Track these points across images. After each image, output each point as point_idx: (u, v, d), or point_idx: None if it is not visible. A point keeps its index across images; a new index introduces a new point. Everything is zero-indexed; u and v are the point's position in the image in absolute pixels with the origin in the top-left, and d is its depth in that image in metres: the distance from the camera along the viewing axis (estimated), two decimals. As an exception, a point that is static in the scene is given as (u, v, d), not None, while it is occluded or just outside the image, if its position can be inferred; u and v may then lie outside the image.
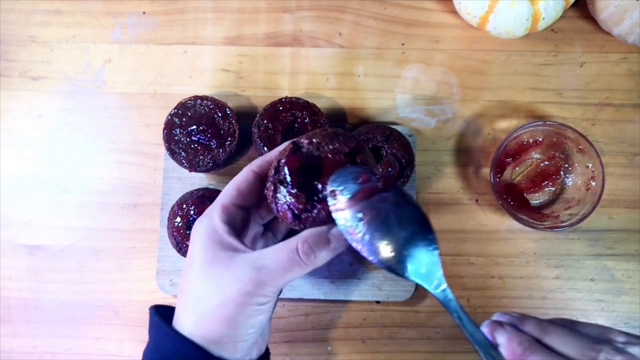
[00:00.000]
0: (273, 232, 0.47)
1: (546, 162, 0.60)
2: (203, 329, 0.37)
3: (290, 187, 0.39)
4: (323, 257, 0.38)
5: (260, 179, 0.42)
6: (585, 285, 0.60)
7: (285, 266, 0.37)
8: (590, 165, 0.57)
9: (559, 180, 0.60)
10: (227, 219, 0.40)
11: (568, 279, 0.60)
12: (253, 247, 0.44)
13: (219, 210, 0.40)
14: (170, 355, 0.37)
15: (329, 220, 0.38)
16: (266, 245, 0.44)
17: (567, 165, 0.60)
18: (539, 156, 0.61)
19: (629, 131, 0.62)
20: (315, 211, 0.39)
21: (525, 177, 0.61)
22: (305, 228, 0.39)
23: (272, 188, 0.40)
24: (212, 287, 0.37)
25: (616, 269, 0.60)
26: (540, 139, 0.60)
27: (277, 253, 0.37)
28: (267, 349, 0.44)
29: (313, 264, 0.38)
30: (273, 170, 0.41)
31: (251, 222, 0.44)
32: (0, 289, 0.61)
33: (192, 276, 0.38)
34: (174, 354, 0.37)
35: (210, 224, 0.39)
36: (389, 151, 0.57)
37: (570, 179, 0.60)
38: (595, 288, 0.60)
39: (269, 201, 0.41)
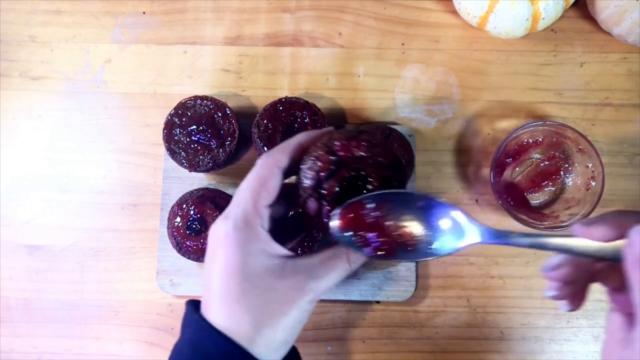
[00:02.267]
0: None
1: (546, 162, 0.60)
2: (260, 336, 0.36)
3: (339, 214, 0.38)
4: (361, 260, 0.39)
5: (282, 174, 0.41)
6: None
7: (335, 274, 0.38)
8: (590, 165, 0.57)
9: (559, 180, 0.60)
10: (264, 224, 0.38)
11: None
12: None
13: (257, 217, 0.38)
14: (213, 355, 0.36)
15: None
16: None
17: (567, 165, 0.60)
18: (539, 156, 0.61)
19: (629, 131, 0.62)
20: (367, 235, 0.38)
21: (525, 177, 0.61)
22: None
23: (317, 205, 0.39)
24: (267, 298, 0.36)
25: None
26: (540, 139, 0.60)
27: (328, 267, 0.38)
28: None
29: (355, 267, 0.39)
30: (310, 182, 0.39)
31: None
32: (0, 289, 0.62)
33: (236, 287, 0.36)
34: (218, 356, 0.36)
35: (252, 232, 0.37)
36: None
37: (570, 179, 0.60)
38: (595, 288, 0.60)
39: (309, 212, 0.40)
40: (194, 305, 0.39)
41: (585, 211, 0.56)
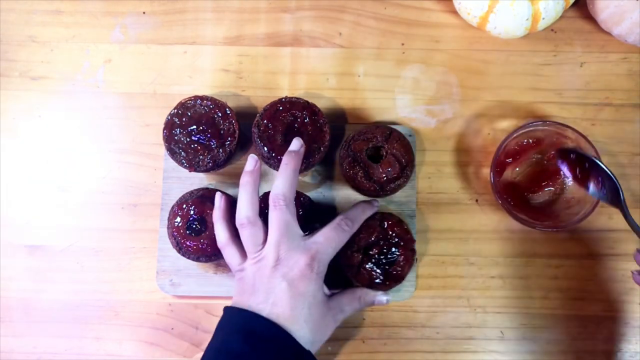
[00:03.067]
0: None
1: (546, 162, 0.60)
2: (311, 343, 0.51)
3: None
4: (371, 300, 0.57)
5: None
6: (585, 285, 0.60)
7: (353, 311, 0.55)
8: (589, 164, 0.57)
9: (559, 180, 0.60)
10: None
11: (568, 279, 0.60)
12: None
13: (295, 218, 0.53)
14: (265, 335, 0.48)
15: None
16: None
17: None
18: (539, 156, 0.61)
19: (629, 131, 0.62)
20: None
21: (526, 177, 0.61)
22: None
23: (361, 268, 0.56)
24: (320, 322, 0.52)
25: (616, 269, 0.60)
26: (541, 139, 0.60)
27: (351, 304, 0.55)
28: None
29: (364, 305, 0.56)
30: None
31: None
32: (0, 289, 0.61)
33: (307, 312, 0.51)
34: (270, 335, 0.48)
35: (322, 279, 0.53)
36: (388, 151, 0.57)
37: (570, 179, 0.60)
38: (595, 288, 0.60)
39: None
40: (234, 308, 0.52)
41: (585, 211, 0.56)
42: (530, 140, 0.60)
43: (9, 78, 0.65)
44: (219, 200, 0.56)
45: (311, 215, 0.57)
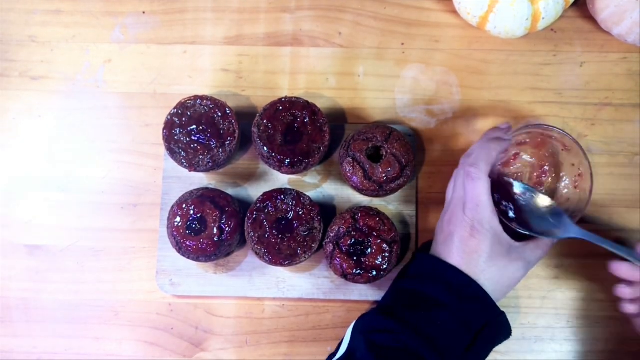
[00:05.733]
0: None
1: (534, 163, 0.60)
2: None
3: None
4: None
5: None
6: (585, 285, 0.60)
7: (538, 259, 0.54)
8: (575, 163, 0.56)
9: (548, 180, 0.60)
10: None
11: (568, 279, 0.60)
12: None
13: (496, 216, 0.52)
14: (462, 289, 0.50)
15: None
16: None
17: (555, 165, 0.59)
18: (527, 158, 0.60)
19: (629, 131, 0.62)
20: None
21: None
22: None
23: (332, 248, 0.57)
24: (501, 273, 0.51)
25: (616, 268, 0.60)
26: (527, 141, 0.59)
27: (535, 251, 0.54)
28: None
29: (545, 252, 0.55)
30: (334, 233, 0.57)
31: None
32: (0, 289, 0.62)
33: (483, 262, 0.51)
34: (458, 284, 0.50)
35: (495, 226, 0.51)
36: (388, 151, 0.57)
37: (558, 179, 0.59)
38: (596, 288, 0.60)
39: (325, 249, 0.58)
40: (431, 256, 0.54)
41: (578, 211, 0.56)
42: (522, 141, 0.59)
43: (9, 78, 0.65)
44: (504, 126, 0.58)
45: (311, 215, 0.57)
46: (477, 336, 0.50)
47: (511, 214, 0.56)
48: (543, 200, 0.56)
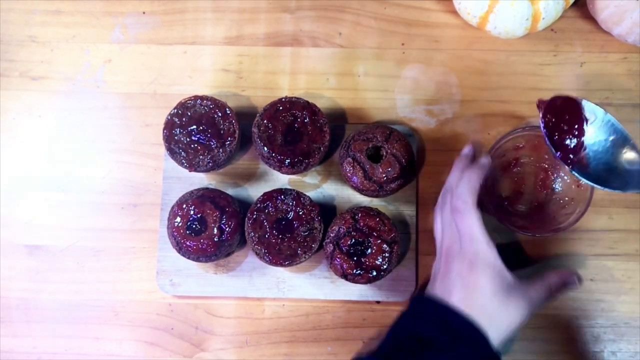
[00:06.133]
0: None
1: (537, 165, 0.60)
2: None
3: None
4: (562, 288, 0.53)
5: None
6: (585, 285, 0.60)
7: (543, 301, 0.51)
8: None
9: (549, 182, 0.60)
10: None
11: (568, 279, 0.60)
12: None
13: (493, 249, 0.50)
14: (463, 332, 0.48)
15: None
16: None
17: (554, 166, 0.59)
18: (527, 161, 0.60)
19: (629, 131, 0.62)
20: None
21: (514, 189, 0.61)
22: None
23: (332, 248, 0.57)
24: (501, 311, 0.49)
25: (616, 269, 0.60)
26: (523, 145, 0.59)
27: (539, 291, 0.51)
28: None
29: (557, 294, 0.53)
30: (334, 233, 0.57)
31: None
32: (0, 289, 0.61)
33: (483, 298, 0.49)
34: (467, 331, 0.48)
35: (493, 259, 0.50)
36: (388, 151, 0.57)
37: (559, 179, 0.60)
38: (595, 288, 0.60)
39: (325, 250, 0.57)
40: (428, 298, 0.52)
41: (580, 209, 0.56)
42: (512, 148, 0.59)
43: (9, 78, 0.65)
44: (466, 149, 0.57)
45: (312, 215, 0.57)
46: None
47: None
48: (621, 142, 0.51)
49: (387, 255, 0.56)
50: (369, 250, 0.56)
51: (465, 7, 0.60)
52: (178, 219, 0.57)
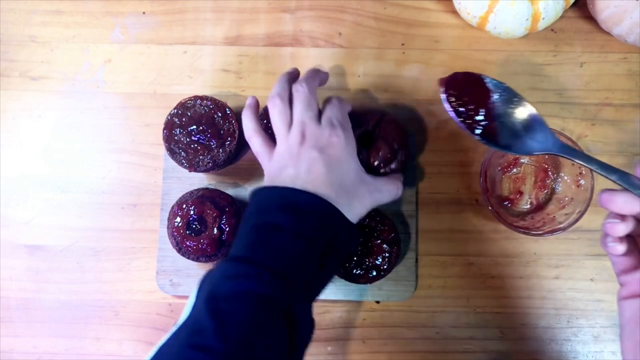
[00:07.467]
0: None
1: (533, 166, 0.60)
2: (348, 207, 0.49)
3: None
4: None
5: None
6: (585, 285, 0.60)
7: (391, 195, 0.54)
8: (575, 162, 0.56)
9: (549, 181, 0.60)
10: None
11: (568, 279, 0.60)
12: None
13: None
14: (314, 208, 0.47)
15: None
16: None
17: (554, 166, 0.59)
18: (526, 161, 0.60)
19: (629, 131, 0.62)
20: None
21: (514, 190, 0.61)
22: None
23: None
24: (354, 194, 0.50)
25: (616, 269, 0.60)
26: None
27: (388, 185, 0.53)
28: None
29: (400, 193, 0.55)
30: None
31: None
32: (0, 289, 0.62)
33: (340, 184, 0.50)
34: (318, 207, 0.47)
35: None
36: (379, 136, 0.56)
37: (559, 179, 0.60)
38: (595, 288, 0.60)
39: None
40: (265, 187, 0.50)
41: (580, 209, 0.56)
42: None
43: (9, 78, 0.65)
44: (250, 99, 0.56)
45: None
46: (327, 252, 0.46)
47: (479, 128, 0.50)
48: (523, 110, 0.51)
49: (387, 255, 0.56)
50: (369, 251, 0.56)
51: (465, 7, 0.60)
52: (178, 219, 0.57)
